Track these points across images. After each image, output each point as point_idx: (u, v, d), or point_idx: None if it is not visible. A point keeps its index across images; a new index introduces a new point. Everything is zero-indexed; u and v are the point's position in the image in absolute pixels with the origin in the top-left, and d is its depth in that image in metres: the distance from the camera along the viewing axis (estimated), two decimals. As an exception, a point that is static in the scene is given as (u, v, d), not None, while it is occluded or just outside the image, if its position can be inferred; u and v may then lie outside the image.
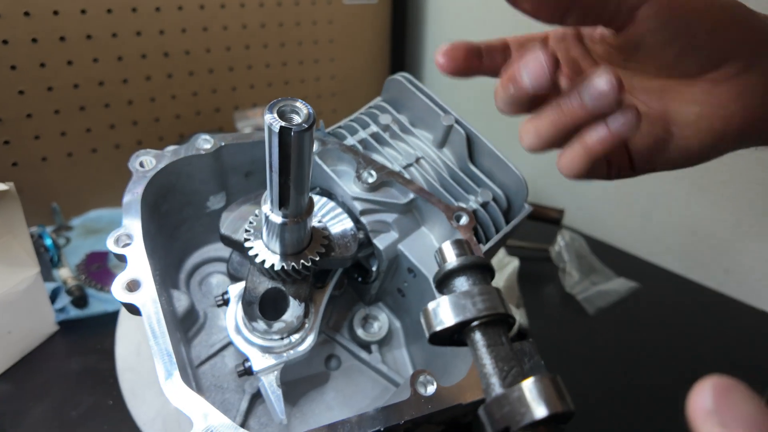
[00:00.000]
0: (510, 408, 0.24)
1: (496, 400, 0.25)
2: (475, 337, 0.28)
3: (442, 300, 0.28)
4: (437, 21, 1.25)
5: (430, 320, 0.28)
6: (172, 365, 0.37)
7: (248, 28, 1.07)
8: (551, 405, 0.23)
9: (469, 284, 0.29)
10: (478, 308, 0.27)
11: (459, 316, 0.27)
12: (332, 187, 0.53)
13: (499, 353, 0.27)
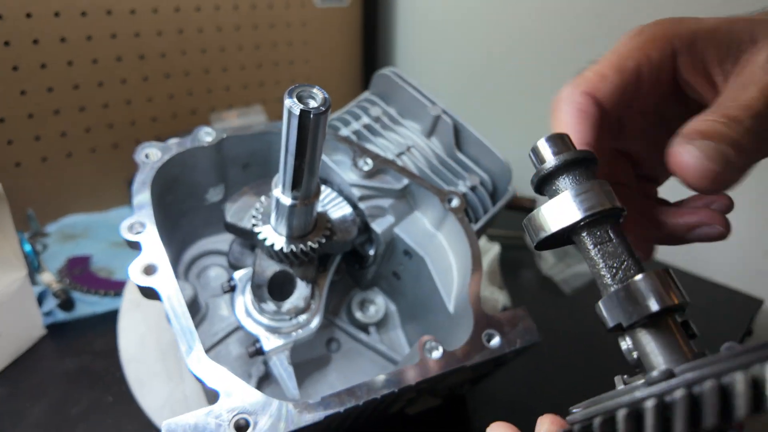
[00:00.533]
0: (621, 305, 0.24)
1: (609, 298, 0.25)
2: (581, 238, 0.27)
3: (543, 207, 0.27)
4: (407, 21, 1.29)
5: (535, 227, 0.27)
6: (195, 341, 0.38)
7: (223, 31, 1.08)
8: (662, 300, 0.23)
9: (569, 183, 0.27)
10: (580, 210, 0.26)
11: (560, 223, 0.26)
12: (330, 175, 0.55)
13: (607, 250, 0.26)
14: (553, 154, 0.27)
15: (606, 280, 0.25)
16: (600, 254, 0.26)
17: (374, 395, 0.39)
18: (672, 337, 0.23)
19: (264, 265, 0.49)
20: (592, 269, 0.26)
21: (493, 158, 0.59)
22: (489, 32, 1.11)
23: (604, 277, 0.26)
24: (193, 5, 1.01)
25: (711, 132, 0.27)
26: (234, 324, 0.56)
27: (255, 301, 0.49)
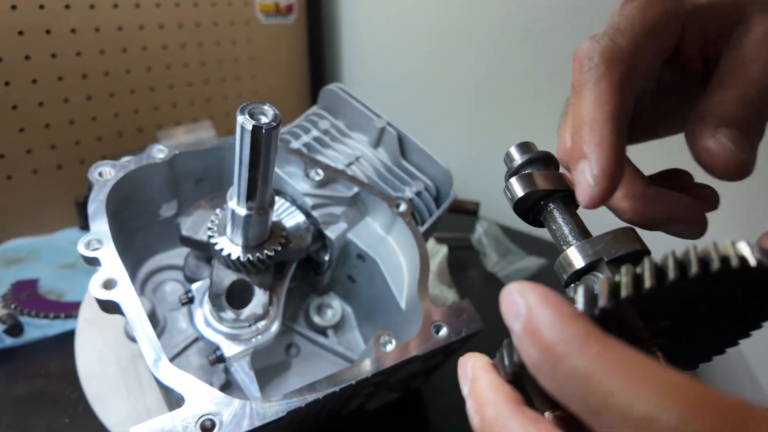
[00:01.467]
0: (603, 245, 0.26)
1: (586, 243, 0.27)
2: (550, 207, 0.30)
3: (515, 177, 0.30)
4: (352, 36, 1.34)
5: (508, 194, 0.30)
6: (159, 349, 0.40)
7: (168, 49, 1.08)
8: (641, 244, 0.26)
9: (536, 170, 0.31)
10: (548, 184, 0.29)
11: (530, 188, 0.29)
12: (283, 186, 0.58)
13: (576, 220, 0.29)
14: (521, 154, 0.31)
15: (570, 239, 0.28)
16: (565, 219, 0.29)
17: (333, 388, 0.42)
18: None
19: (221, 275, 0.51)
20: (557, 233, 0.29)
21: (436, 166, 0.63)
22: (430, 47, 1.17)
23: (568, 236, 0.28)
24: (136, 24, 1.02)
25: (731, 117, 0.27)
26: (193, 335, 0.57)
27: (214, 311, 0.51)
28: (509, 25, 1.01)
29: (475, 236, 0.98)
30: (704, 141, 0.27)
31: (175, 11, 1.07)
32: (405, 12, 1.18)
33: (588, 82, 0.28)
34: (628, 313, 0.22)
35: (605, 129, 0.26)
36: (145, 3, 1.02)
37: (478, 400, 0.24)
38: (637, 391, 0.16)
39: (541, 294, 0.20)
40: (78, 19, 0.93)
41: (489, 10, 1.03)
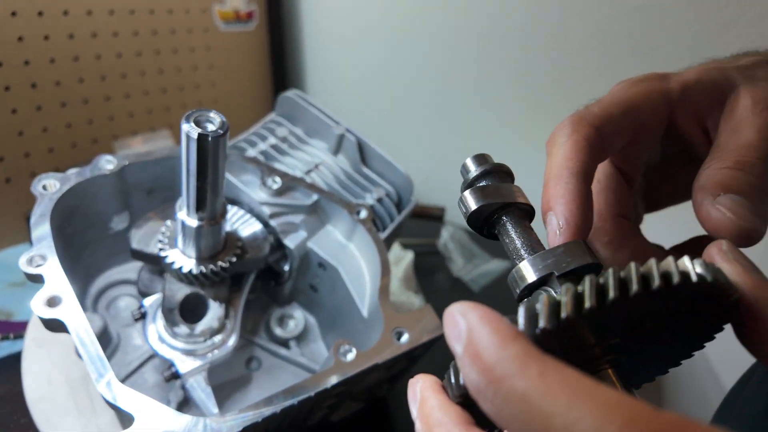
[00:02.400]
0: (554, 258, 0.25)
1: (538, 257, 0.26)
2: (503, 220, 0.29)
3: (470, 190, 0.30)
4: (314, 44, 1.33)
5: (462, 206, 0.30)
6: (105, 368, 0.38)
7: (123, 57, 1.05)
8: (593, 257, 0.26)
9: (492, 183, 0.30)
10: (503, 196, 0.29)
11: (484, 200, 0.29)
12: (239, 195, 0.57)
13: (529, 234, 0.29)
14: (477, 166, 0.31)
15: (523, 252, 0.28)
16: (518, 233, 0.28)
17: (291, 401, 0.41)
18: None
19: (174, 288, 0.49)
20: (510, 246, 0.29)
21: (396, 172, 0.63)
22: (393, 54, 1.17)
23: (521, 249, 0.28)
24: (88, 32, 0.99)
25: (729, 183, 0.28)
26: (148, 352, 0.55)
27: (167, 326, 0.49)
28: (469, 33, 1.02)
29: (440, 241, 0.98)
30: (705, 209, 0.28)
31: (129, 19, 1.04)
32: (368, 19, 1.18)
33: (557, 141, 0.30)
34: (577, 330, 0.22)
35: (568, 183, 0.28)
36: (97, 10, 0.99)
37: (427, 422, 0.24)
38: (576, 412, 0.16)
39: (481, 314, 0.20)
40: (26, 27, 0.89)
41: (449, 18, 1.03)
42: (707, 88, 0.32)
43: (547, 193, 0.29)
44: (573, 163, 0.29)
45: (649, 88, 0.32)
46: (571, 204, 0.27)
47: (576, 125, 0.30)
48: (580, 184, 0.28)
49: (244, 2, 1.25)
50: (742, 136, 0.30)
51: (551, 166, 0.30)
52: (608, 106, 0.31)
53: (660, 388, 0.95)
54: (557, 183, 0.28)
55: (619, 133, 0.31)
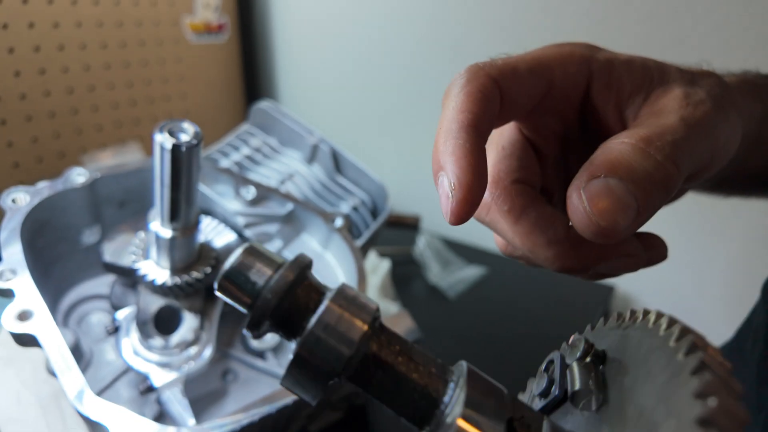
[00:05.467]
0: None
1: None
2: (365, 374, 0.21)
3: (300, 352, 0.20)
4: (287, 54, 1.34)
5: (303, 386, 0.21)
6: (81, 380, 0.37)
7: (91, 70, 1.04)
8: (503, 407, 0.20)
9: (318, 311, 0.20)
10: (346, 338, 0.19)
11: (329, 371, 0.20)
12: (212, 206, 0.57)
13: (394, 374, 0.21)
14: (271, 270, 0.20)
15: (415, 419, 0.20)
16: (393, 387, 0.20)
17: (269, 410, 0.41)
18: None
19: (148, 300, 0.49)
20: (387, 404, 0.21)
21: (370, 180, 0.64)
22: (366, 63, 1.18)
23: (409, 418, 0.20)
24: (55, 44, 0.97)
25: (622, 161, 0.23)
26: (122, 366, 0.54)
27: (142, 339, 0.49)
28: (440, 43, 1.04)
29: (416, 249, 0.99)
30: (569, 192, 0.24)
31: (97, 31, 1.03)
32: (340, 29, 1.20)
33: (450, 93, 0.27)
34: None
35: (458, 138, 0.25)
36: (64, 22, 0.98)
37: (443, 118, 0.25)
38: None
39: None
40: (-12, 39, 0.88)
41: (420, 28, 1.06)
42: (636, 73, 0.28)
43: (437, 151, 0.25)
44: (465, 116, 0.25)
45: (569, 52, 0.28)
46: (463, 161, 0.24)
47: (472, 75, 0.26)
48: (472, 138, 0.25)
49: (215, 14, 1.25)
50: (661, 120, 0.26)
51: (442, 119, 0.26)
52: (516, 60, 0.27)
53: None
54: (447, 138, 0.25)
55: (522, 91, 0.27)
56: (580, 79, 0.28)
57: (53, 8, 0.95)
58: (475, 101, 0.25)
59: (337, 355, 0.19)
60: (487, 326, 0.84)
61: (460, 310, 0.87)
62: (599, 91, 0.29)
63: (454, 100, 0.26)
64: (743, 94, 0.31)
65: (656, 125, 0.25)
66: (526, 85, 0.27)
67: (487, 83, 0.26)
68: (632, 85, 0.28)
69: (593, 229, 0.23)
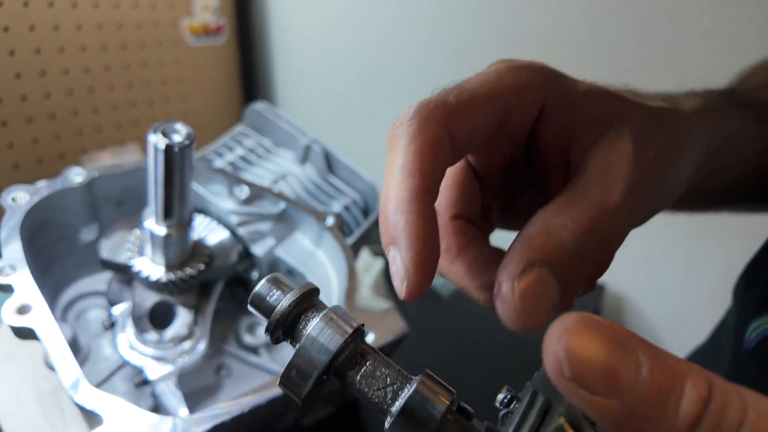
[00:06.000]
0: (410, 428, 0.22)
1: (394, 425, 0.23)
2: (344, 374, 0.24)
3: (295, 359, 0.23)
4: (284, 56, 1.35)
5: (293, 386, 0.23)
6: (77, 371, 0.39)
7: (91, 72, 1.06)
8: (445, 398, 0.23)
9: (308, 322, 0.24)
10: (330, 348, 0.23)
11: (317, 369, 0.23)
12: (206, 205, 0.58)
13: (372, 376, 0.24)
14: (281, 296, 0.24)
15: (384, 407, 0.23)
16: (367, 383, 0.23)
17: (259, 401, 0.42)
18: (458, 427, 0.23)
19: (143, 296, 0.50)
20: (366, 401, 0.23)
21: (362, 180, 0.65)
22: (361, 64, 1.20)
23: (380, 405, 0.23)
24: (55, 46, 0.99)
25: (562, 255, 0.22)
26: (118, 361, 0.56)
27: (137, 333, 0.50)
28: (436, 46, 1.06)
29: (409, 248, 1.01)
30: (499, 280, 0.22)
31: (97, 33, 1.05)
32: (336, 31, 1.21)
33: (397, 141, 0.24)
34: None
35: (412, 211, 0.22)
36: (64, 25, 0.99)
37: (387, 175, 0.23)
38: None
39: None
40: (-10, 42, 0.89)
41: (415, 30, 1.07)
42: (590, 112, 0.26)
43: (387, 221, 0.23)
44: (416, 180, 0.22)
45: (526, 82, 0.25)
46: (417, 243, 0.22)
47: (423, 122, 0.23)
48: (424, 208, 0.22)
49: (213, 16, 1.27)
50: (605, 190, 0.23)
51: (390, 176, 0.23)
52: (469, 97, 0.24)
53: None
54: (398, 209, 0.22)
55: (475, 134, 0.25)
56: (533, 112, 0.26)
57: (53, 11, 0.97)
58: (426, 160, 0.23)
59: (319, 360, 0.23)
60: (479, 324, 0.86)
61: (453, 309, 0.89)
62: (548, 127, 0.26)
63: (402, 156, 0.23)
64: (704, 122, 0.30)
65: (599, 202, 0.23)
66: (479, 126, 0.24)
67: (438, 134, 0.23)
68: (583, 125, 0.26)
69: (518, 326, 0.21)
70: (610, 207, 0.23)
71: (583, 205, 0.23)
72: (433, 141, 0.23)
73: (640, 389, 0.16)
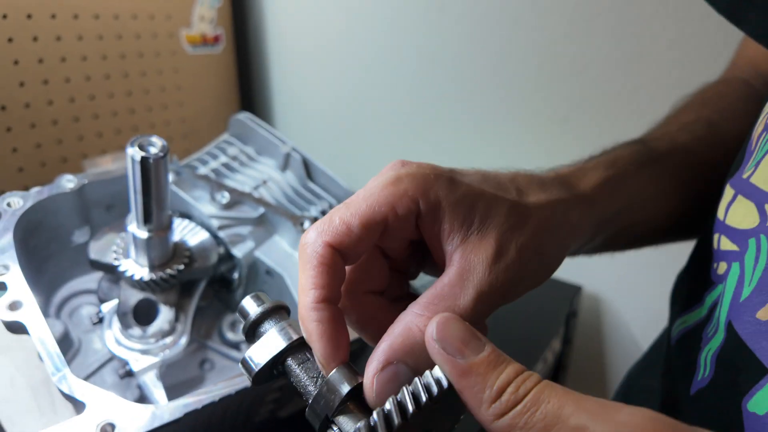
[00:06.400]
0: (324, 399, 0.28)
1: (314, 401, 0.28)
2: (287, 363, 0.30)
3: (252, 348, 0.31)
4: (280, 65, 1.40)
5: (249, 366, 0.30)
6: (62, 363, 0.43)
7: (92, 80, 1.11)
8: (351, 381, 0.28)
9: (271, 325, 0.31)
10: (284, 340, 0.30)
11: (269, 355, 0.30)
12: (189, 209, 0.62)
13: (307, 366, 0.30)
14: (258, 306, 0.32)
15: (311, 389, 0.29)
16: (303, 371, 0.30)
17: (229, 391, 0.46)
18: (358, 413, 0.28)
19: (128, 294, 0.54)
20: (299, 386, 0.30)
21: (339, 186, 0.69)
22: (356, 75, 1.24)
23: (308, 386, 0.29)
24: (57, 56, 1.04)
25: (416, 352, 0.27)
26: (107, 355, 0.60)
27: (122, 329, 0.54)
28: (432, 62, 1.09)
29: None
30: (367, 373, 0.27)
31: (98, 44, 1.10)
32: (331, 42, 1.25)
33: (301, 262, 0.29)
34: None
35: (315, 319, 0.28)
36: (66, 36, 1.04)
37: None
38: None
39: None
40: (-5, 53, 0.94)
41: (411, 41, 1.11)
42: (459, 215, 0.30)
43: (304, 324, 0.29)
44: (315, 293, 0.28)
45: (402, 193, 0.29)
46: (326, 345, 0.28)
47: (315, 246, 0.29)
48: (326, 314, 0.28)
49: (211, 26, 1.31)
50: (456, 297, 0.28)
51: (300, 290, 0.30)
52: (351, 216, 0.29)
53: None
54: (310, 320, 0.28)
55: (359, 248, 0.30)
56: (410, 217, 0.30)
57: (56, 22, 1.02)
58: (320, 274, 0.28)
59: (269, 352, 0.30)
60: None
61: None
62: (424, 227, 0.31)
63: (303, 276, 0.29)
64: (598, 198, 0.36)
65: (450, 309, 0.28)
66: (362, 241, 0.29)
67: (326, 253, 0.29)
68: (450, 227, 0.30)
69: (374, 405, 0.27)
70: (459, 315, 0.27)
71: (437, 309, 0.28)
72: (322, 259, 0.28)
73: (479, 359, 0.24)
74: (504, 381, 0.23)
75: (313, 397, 0.28)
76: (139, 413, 0.43)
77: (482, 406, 0.23)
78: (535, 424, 0.21)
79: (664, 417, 0.20)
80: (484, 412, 0.23)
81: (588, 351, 1.04)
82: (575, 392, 0.22)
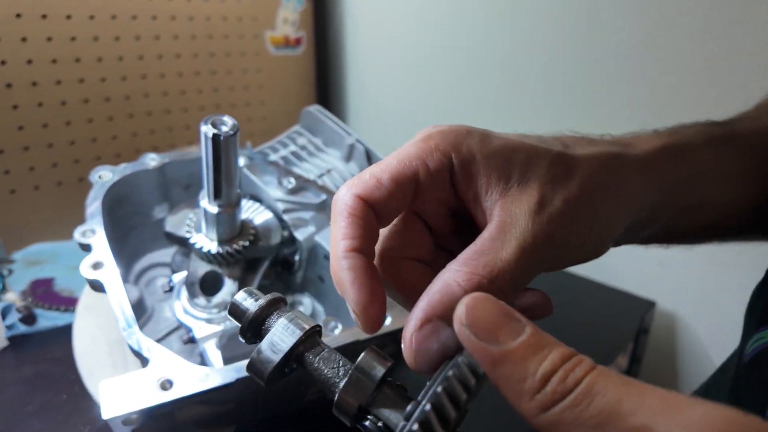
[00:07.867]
0: (354, 388, 0.25)
1: (343, 391, 0.26)
2: (304, 356, 0.28)
3: (262, 344, 0.29)
4: (356, 66, 1.44)
5: (259, 368, 0.28)
6: (133, 321, 0.47)
7: (183, 76, 1.20)
8: (383, 364, 0.26)
9: (275, 320, 0.30)
10: (293, 335, 0.28)
11: (281, 351, 0.28)
12: (259, 193, 0.66)
13: (324, 356, 0.28)
14: (255, 301, 0.30)
15: (335, 380, 0.27)
16: (322, 361, 0.28)
17: (279, 361, 0.48)
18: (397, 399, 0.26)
19: (196, 266, 0.58)
20: (321, 379, 0.28)
21: (401, 178, 0.70)
22: (427, 75, 1.25)
23: (332, 377, 0.27)
24: (155, 53, 1.13)
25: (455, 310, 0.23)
26: (175, 323, 0.65)
27: (189, 298, 0.58)
28: (499, 57, 1.09)
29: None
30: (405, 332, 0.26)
31: (191, 43, 1.19)
32: (405, 43, 1.28)
33: (333, 215, 0.29)
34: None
35: (348, 268, 0.27)
36: (164, 35, 1.14)
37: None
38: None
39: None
40: (103, 48, 1.05)
41: (483, 41, 1.11)
42: (496, 168, 0.28)
43: (336, 274, 0.28)
44: (346, 243, 0.27)
45: (433, 148, 0.28)
46: (361, 295, 0.26)
47: (346, 199, 0.28)
48: (358, 264, 0.27)
49: (293, 29, 1.38)
50: (498, 251, 0.26)
51: (332, 242, 0.29)
52: (381, 171, 0.28)
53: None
54: (338, 267, 0.27)
55: (391, 204, 0.28)
56: (443, 173, 0.29)
57: (156, 23, 1.12)
58: (350, 225, 0.27)
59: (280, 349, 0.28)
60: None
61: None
62: (459, 184, 0.29)
63: (334, 228, 0.28)
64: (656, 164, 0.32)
65: (491, 264, 0.26)
66: (393, 197, 0.28)
67: (356, 205, 0.28)
68: (488, 181, 0.28)
69: (413, 366, 0.26)
70: (500, 269, 0.26)
71: (478, 264, 0.26)
72: (352, 212, 0.28)
73: (517, 344, 0.20)
74: (548, 368, 0.19)
75: (340, 387, 0.26)
76: (195, 373, 0.46)
77: (524, 398, 0.20)
78: (587, 420, 0.18)
79: (751, 418, 0.16)
80: (527, 404, 0.19)
81: (658, 371, 0.97)
82: (637, 382, 0.19)
